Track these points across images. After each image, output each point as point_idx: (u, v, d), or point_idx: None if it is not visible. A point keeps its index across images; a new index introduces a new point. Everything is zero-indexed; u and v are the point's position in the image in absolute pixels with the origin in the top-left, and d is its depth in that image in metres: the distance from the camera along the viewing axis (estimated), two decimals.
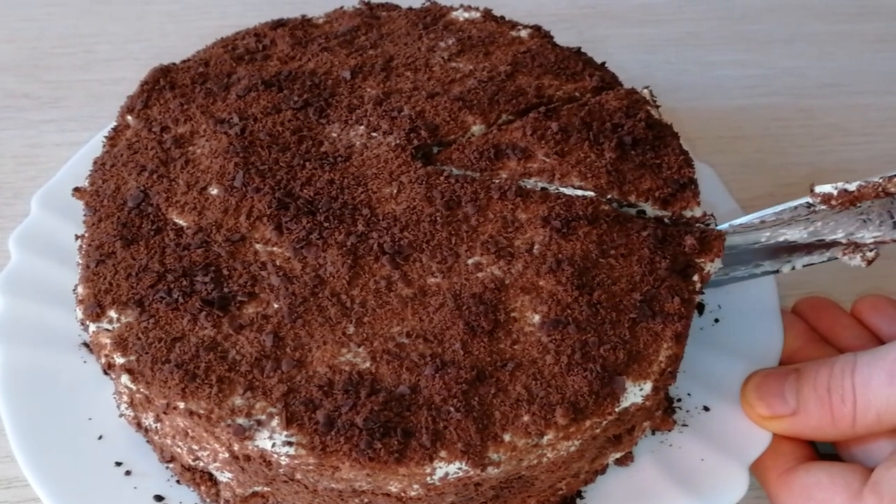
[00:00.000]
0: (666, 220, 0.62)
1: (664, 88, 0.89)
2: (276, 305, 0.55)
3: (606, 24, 1.02)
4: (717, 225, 0.62)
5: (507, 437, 0.51)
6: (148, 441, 0.60)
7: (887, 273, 0.78)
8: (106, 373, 0.62)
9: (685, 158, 0.65)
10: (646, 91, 0.70)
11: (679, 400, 0.64)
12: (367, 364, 0.53)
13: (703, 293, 0.63)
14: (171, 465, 0.59)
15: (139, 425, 0.60)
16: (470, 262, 0.58)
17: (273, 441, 0.50)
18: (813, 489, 0.57)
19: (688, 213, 0.62)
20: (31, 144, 0.87)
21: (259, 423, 0.51)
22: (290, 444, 0.50)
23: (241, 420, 0.51)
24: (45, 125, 0.89)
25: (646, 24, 1.02)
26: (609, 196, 0.61)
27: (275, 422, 0.51)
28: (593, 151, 0.63)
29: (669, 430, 0.62)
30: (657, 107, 0.69)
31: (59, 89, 0.93)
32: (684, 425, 0.63)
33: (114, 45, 0.98)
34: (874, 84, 0.95)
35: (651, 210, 0.62)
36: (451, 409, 0.51)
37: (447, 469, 0.50)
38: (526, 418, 0.51)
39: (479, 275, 0.57)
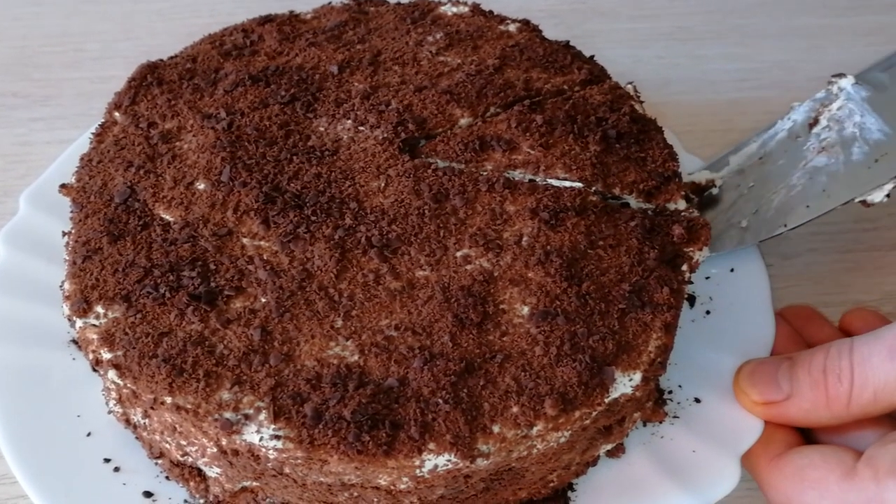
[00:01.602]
0: (650, 213, 0.62)
1: (654, 83, 0.89)
2: (263, 299, 0.55)
3: (596, 20, 1.02)
4: (867, 103, 0.61)
5: (496, 429, 0.51)
6: (136, 437, 0.60)
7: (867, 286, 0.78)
8: (94, 370, 0.62)
9: (669, 152, 0.65)
10: (630, 87, 0.70)
11: (670, 392, 0.64)
12: (356, 357, 0.53)
13: (692, 283, 0.63)
14: (159, 462, 0.59)
15: (128, 422, 0.59)
16: (458, 254, 0.57)
17: (261, 435, 0.50)
18: (806, 469, 0.57)
19: (671, 206, 0.62)
20: (21, 143, 0.87)
21: (247, 417, 0.51)
22: (277, 437, 0.50)
23: (228, 414, 0.51)
24: (34, 123, 0.89)
25: (636, 18, 1.02)
26: (594, 188, 0.61)
27: (262, 416, 0.51)
28: (578, 144, 0.63)
29: (661, 422, 0.62)
30: (641, 102, 0.69)
31: (49, 88, 0.93)
32: (675, 417, 0.62)
33: (103, 44, 0.98)
34: None
35: (635, 203, 0.62)
36: (440, 401, 0.51)
37: (436, 461, 0.50)
38: (515, 409, 0.51)
39: (468, 267, 0.57)
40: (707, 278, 0.70)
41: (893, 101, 0.68)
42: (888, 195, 0.65)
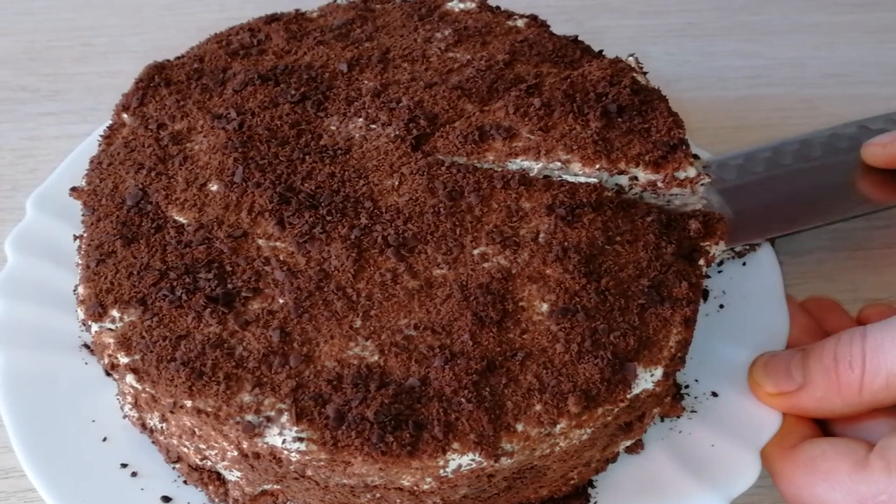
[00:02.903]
0: (659, 184, 0.61)
1: (664, 79, 0.88)
2: (281, 300, 0.55)
3: (606, 16, 1.01)
4: (712, 184, 0.62)
5: (519, 427, 0.50)
6: (153, 441, 0.60)
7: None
8: (108, 374, 0.62)
9: (674, 120, 0.63)
10: (631, 59, 0.69)
11: (687, 386, 0.64)
12: (376, 357, 0.53)
13: (709, 276, 0.62)
14: (177, 466, 0.59)
15: (143, 426, 0.59)
16: (475, 252, 0.57)
17: (283, 437, 0.50)
18: (818, 460, 0.57)
19: (681, 175, 0.61)
20: (30, 137, 0.87)
21: (269, 419, 0.50)
22: (300, 439, 0.49)
23: (250, 417, 0.50)
24: (43, 118, 0.89)
25: (646, 15, 1.02)
26: (598, 166, 0.60)
27: (284, 418, 0.50)
28: (578, 123, 0.62)
29: (678, 417, 0.62)
30: (644, 73, 0.68)
31: (57, 82, 0.93)
32: (693, 412, 0.62)
33: (112, 39, 0.98)
34: (876, 74, 0.94)
35: (643, 175, 0.61)
36: (463, 400, 0.51)
37: (460, 461, 0.50)
38: (538, 407, 0.51)
39: (486, 265, 0.56)
40: (720, 272, 0.70)
41: (735, 189, 0.73)
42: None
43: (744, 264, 0.71)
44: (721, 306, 0.69)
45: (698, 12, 1.02)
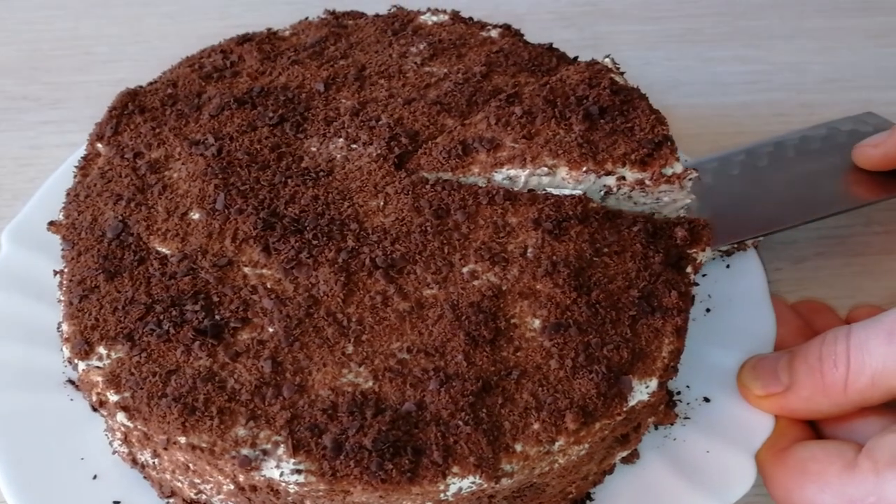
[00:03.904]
0: (647, 182, 0.61)
1: (664, 85, 0.88)
2: (271, 329, 0.54)
3: (606, 22, 1.01)
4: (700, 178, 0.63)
5: (518, 447, 0.50)
6: (145, 477, 0.58)
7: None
8: (95, 410, 0.60)
9: (657, 117, 0.63)
10: (607, 60, 0.68)
11: (679, 393, 0.64)
12: (370, 383, 0.52)
13: (697, 284, 0.63)
14: (171, 500, 0.58)
15: (134, 461, 0.58)
16: (465, 270, 0.57)
17: (281, 470, 0.49)
18: (808, 462, 0.57)
19: (668, 171, 0.61)
20: (31, 146, 0.87)
21: (265, 452, 0.49)
22: (298, 471, 0.49)
23: (245, 451, 0.50)
24: (44, 126, 0.89)
25: (646, 20, 1.01)
26: (584, 168, 0.60)
27: (281, 450, 0.49)
28: (561, 128, 0.62)
29: (672, 424, 0.62)
30: (622, 73, 0.68)
31: (59, 91, 0.93)
32: (686, 418, 0.62)
33: (112, 47, 0.98)
34: (876, 79, 0.94)
35: (631, 174, 0.61)
36: (460, 422, 0.50)
37: (461, 484, 0.49)
38: (536, 426, 0.51)
39: (476, 283, 0.56)
40: (704, 275, 0.70)
41: (712, 191, 0.73)
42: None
43: (727, 267, 0.71)
44: (707, 310, 0.69)
45: (698, 17, 1.02)
